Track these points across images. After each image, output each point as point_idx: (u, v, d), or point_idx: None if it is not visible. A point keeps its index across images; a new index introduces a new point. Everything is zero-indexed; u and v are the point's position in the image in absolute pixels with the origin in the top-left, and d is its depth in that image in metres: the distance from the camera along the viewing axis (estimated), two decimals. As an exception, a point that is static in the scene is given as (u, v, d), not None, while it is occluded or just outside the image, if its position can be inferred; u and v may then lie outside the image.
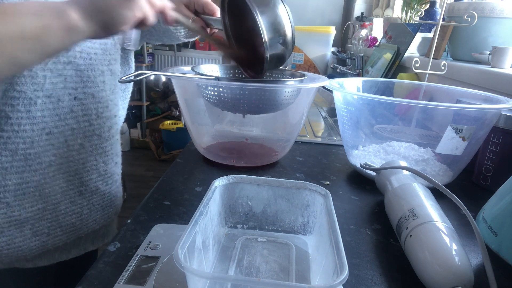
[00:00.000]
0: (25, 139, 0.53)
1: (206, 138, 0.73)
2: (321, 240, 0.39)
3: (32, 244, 0.57)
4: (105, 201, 0.66)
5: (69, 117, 0.57)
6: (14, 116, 0.51)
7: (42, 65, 0.52)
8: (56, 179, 0.58)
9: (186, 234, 0.31)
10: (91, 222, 0.64)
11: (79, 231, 0.63)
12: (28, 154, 0.54)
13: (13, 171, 0.53)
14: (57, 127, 0.56)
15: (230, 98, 0.60)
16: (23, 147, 0.53)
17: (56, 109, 0.55)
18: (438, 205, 0.45)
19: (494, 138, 0.62)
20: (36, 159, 0.55)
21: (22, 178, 0.54)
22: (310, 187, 0.43)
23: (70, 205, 0.61)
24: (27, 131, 0.53)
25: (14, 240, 0.56)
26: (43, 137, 0.55)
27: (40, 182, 0.56)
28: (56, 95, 0.55)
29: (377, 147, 0.66)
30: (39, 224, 0.57)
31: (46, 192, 0.57)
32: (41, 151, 0.55)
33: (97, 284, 0.36)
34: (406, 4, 1.48)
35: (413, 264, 0.39)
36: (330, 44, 1.70)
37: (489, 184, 0.64)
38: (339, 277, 0.27)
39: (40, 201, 0.57)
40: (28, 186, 0.55)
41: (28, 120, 0.53)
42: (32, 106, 0.53)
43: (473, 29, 1.01)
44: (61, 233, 0.60)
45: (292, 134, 0.70)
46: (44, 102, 0.54)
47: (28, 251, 0.58)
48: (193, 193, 0.56)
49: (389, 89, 0.81)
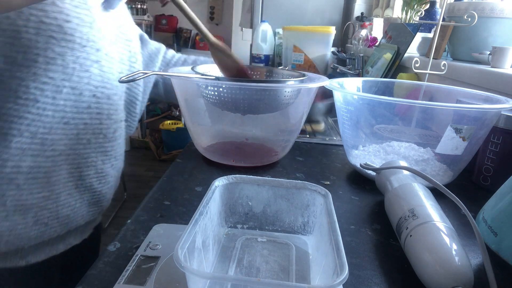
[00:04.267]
0: (46, 124, 0.56)
1: (206, 138, 0.73)
2: (321, 240, 0.39)
3: (31, 233, 0.59)
4: (94, 198, 0.67)
5: (85, 112, 0.60)
6: (41, 100, 0.54)
7: (74, 58, 0.56)
8: (62, 168, 0.60)
9: (186, 234, 0.31)
10: (79, 217, 0.65)
11: (70, 225, 0.64)
12: (45, 139, 0.56)
13: (29, 153, 0.55)
14: (73, 119, 0.59)
15: (230, 98, 0.60)
16: (43, 132, 0.56)
17: (76, 102, 0.58)
18: (438, 205, 0.45)
19: (494, 138, 0.62)
20: (51, 145, 0.57)
21: (35, 162, 0.56)
22: (310, 187, 0.43)
23: (67, 197, 0.62)
24: (48, 117, 0.56)
25: (16, 226, 0.57)
26: (61, 125, 0.58)
27: (50, 169, 0.58)
28: (80, 89, 0.58)
29: (377, 147, 0.66)
30: (41, 213, 0.59)
31: (53, 180, 0.59)
32: (56, 139, 0.58)
33: (97, 284, 0.36)
34: (406, 4, 1.48)
35: (413, 264, 0.39)
36: (330, 44, 1.70)
37: (489, 184, 0.64)
38: (339, 277, 0.27)
39: (46, 189, 0.59)
40: (39, 171, 0.57)
41: (52, 106, 0.56)
42: (58, 93, 0.56)
43: (473, 29, 1.01)
44: (57, 224, 0.62)
45: (292, 134, 0.70)
46: (68, 93, 0.57)
47: (26, 240, 0.59)
48: (193, 193, 0.56)
49: (389, 89, 0.81)
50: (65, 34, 0.54)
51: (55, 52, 0.54)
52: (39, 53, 0.52)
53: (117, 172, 0.72)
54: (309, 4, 2.15)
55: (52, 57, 0.54)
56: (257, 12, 2.14)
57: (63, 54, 0.55)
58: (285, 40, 1.76)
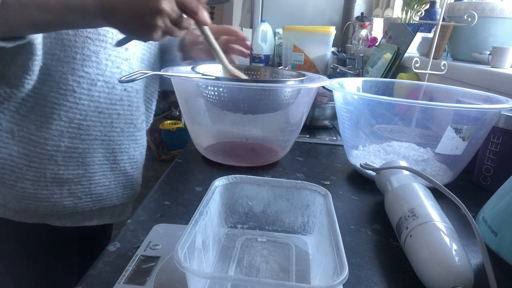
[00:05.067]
0: (82, 112, 0.64)
1: (206, 138, 0.73)
2: (321, 240, 0.39)
3: (66, 202, 0.67)
4: (128, 182, 0.75)
5: (118, 103, 0.68)
6: (78, 91, 0.62)
7: (106, 55, 0.63)
8: (97, 152, 0.68)
9: (186, 234, 0.31)
10: (114, 197, 0.74)
11: (103, 202, 0.72)
12: (81, 125, 0.64)
13: (67, 135, 0.64)
14: (107, 109, 0.66)
15: (230, 98, 0.60)
16: (79, 118, 0.64)
17: (110, 94, 0.66)
18: (438, 205, 0.45)
19: (494, 138, 0.62)
20: (87, 131, 0.65)
21: (72, 143, 0.64)
22: (310, 187, 0.43)
23: (102, 177, 0.70)
24: (84, 105, 0.63)
25: (53, 195, 0.65)
26: (96, 114, 0.65)
27: (85, 151, 0.66)
28: (113, 83, 0.65)
29: (377, 147, 0.66)
30: (75, 187, 0.67)
31: (87, 160, 0.67)
32: (92, 125, 0.65)
33: (97, 284, 0.36)
34: (406, 4, 1.48)
35: (413, 264, 0.39)
36: (330, 44, 1.70)
37: (489, 184, 0.64)
38: (339, 277, 0.27)
39: (81, 167, 0.67)
40: (75, 152, 0.65)
41: (87, 97, 0.63)
42: (92, 86, 0.63)
43: (473, 29, 1.01)
44: (90, 199, 0.70)
45: (292, 134, 0.70)
46: (102, 86, 0.64)
47: (61, 208, 0.67)
48: (193, 193, 0.56)
49: (389, 89, 0.81)
50: (99, 35, 0.61)
51: (91, 50, 0.61)
52: (77, 51, 0.60)
53: (143, 160, 0.80)
54: (309, 4, 2.15)
55: (88, 54, 0.61)
56: (257, 12, 2.14)
57: (97, 52, 0.62)
58: (285, 40, 1.76)
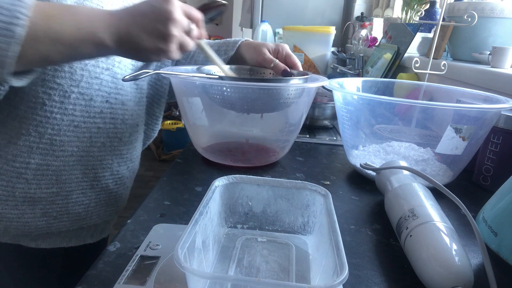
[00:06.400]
0: (54, 126, 0.58)
1: (206, 138, 0.73)
2: (321, 240, 0.39)
3: (39, 223, 0.62)
4: (111, 199, 0.70)
5: (97, 117, 0.62)
6: (49, 104, 0.57)
7: (82, 65, 0.58)
8: (74, 169, 0.62)
9: (186, 234, 0.31)
10: (94, 215, 0.68)
11: (83, 222, 0.67)
12: (54, 140, 0.59)
13: (38, 152, 0.58)
14: (85, 123, 0.61)
15: (234, 97, 0.60)
16: (51, 133, 0.58)
17: (87, 107, 0.60)
18: (438, 205, 0.45)
19: (494, 138, 0.62)
20: (61, 146, 0.60)
21: (44, 160, 0.59)
22: (310, 187, 0.43)
23: (80, 196, 0.65)
24: (57, 119, 0.58)
25: (24, 215, 0.61)
26: (71, 128, 0.60)
27: (59, 168, 0.60)
28: (90, 94, 0.60)
29: (377, 147, 0.66)
30: (50, 207, 0.62)
31: (63, 178, 0.61)
32: (66, 140, 0.60)
33: (97, 284, 0.36)
34: (406, 4, 1.48)
35: (413, 264, 0.39)
36: (330, 44, 1.70)
37: (489, 184, 0.64)
38: (339, 277, 0.27)
39: (55, 186, 0.61)
40: (48, 169, 0.60)
41: (60, 110, 0.58)
42: (65, 98, 0.58)
43: (473, 29, 1.01)
44: (66, 219, 0.64)
45: (292, 134, 0.70)
46: (77, 98, 0.59)
47: (34, 229, 0.62)
48: (193, 193, 0.56)
49: (389, 89, 0.81)
50: None
51: None
52: None
53: (132, 174, 0.75)
54: (309, 4, 2.15)
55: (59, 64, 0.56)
56: (257, 12, 2.14)
57: None
58: (285, 40, 1.76)
